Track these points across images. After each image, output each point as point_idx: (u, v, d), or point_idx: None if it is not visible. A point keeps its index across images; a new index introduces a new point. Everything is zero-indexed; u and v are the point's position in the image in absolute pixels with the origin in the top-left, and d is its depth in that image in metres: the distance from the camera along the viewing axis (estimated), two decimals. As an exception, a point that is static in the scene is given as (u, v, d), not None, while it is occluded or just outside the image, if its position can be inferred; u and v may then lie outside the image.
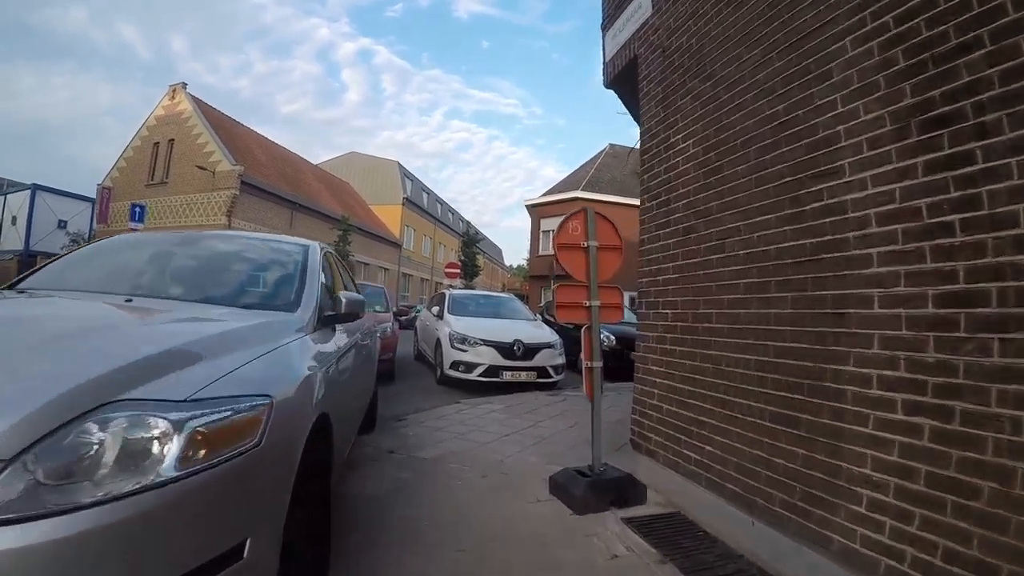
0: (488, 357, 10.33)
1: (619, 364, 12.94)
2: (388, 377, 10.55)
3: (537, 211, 35.62)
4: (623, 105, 7.12)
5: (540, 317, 13.48)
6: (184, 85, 33.61)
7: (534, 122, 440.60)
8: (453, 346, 10.55)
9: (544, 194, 36.25)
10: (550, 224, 33.87)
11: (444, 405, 8.51)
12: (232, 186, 29.42)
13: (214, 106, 35.32)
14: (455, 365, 10.44)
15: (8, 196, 42.98)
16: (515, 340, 10.60)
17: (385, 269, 47.81)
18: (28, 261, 36.94)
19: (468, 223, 44.59)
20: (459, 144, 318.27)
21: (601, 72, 6.69)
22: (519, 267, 79.48)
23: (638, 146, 5.77)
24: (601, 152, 37.80)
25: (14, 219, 41.31)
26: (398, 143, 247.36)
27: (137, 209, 23.27)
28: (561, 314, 4.96)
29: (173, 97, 33.69)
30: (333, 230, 35.73)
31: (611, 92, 6.78)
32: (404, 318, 18.07)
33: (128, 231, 16.52)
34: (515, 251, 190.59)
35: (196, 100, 33.22)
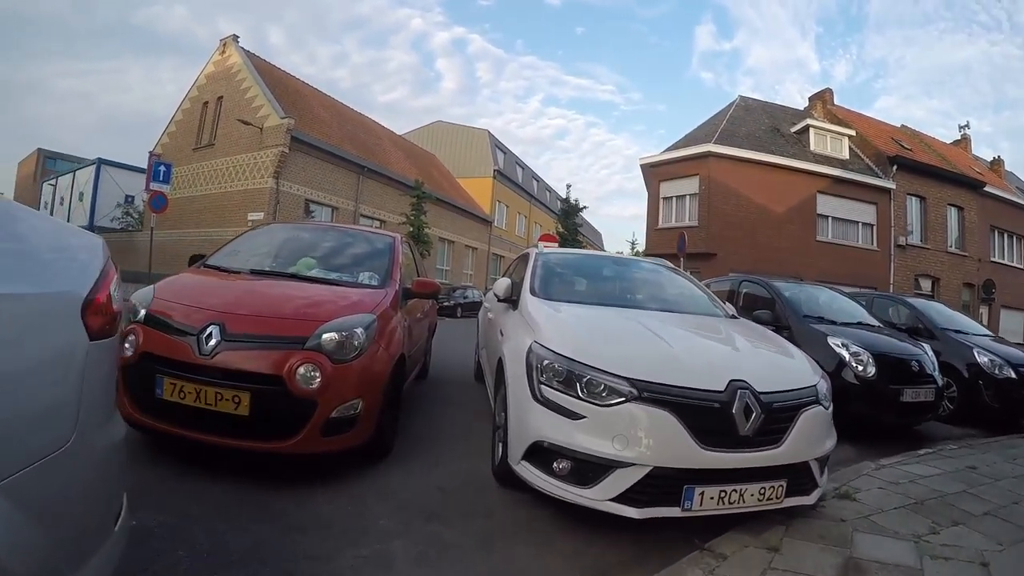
0: (652, 440, 3.32)
1: (879, 410, 6.98)
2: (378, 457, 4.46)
3: (655, 172, 28.06)
4: None
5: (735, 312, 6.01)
6: (236, 38, 29.32)
7: (633, 108, 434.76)
8: (538, 394, 3.67)
9: (666, 150, 28.72)
10: (673, 188, 27.13)
11: None
12: (280, 143, 24.43)
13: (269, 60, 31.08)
14: (543, 456, 3.57)
15: (77, 172, 46.04)
16: (732, 384, 3.52)
17: (473, 248, 43.79)
18: None
19: (569, 189, 38.19)
20: (556, 131, 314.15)
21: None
22: (619, 254, 74.67)
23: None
24: (731, 104, 30.85)
25: (81, 195, 43.81)
26: (495, 130, 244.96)
27: (161, 168, 17.91)
28: None
29: (224, 52, 29.58)
30: (406, 197, 30.91)
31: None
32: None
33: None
34: (613, 238, 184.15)
35: (247, 53, 28.83)
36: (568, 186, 40.94)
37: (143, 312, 4.12)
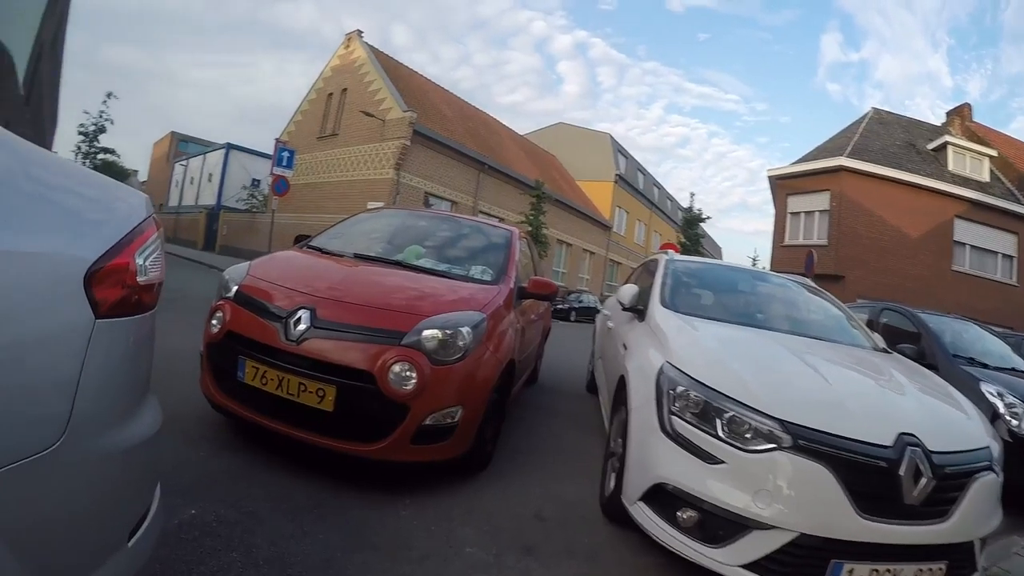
0: (802, 499, 2.70)
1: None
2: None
3: (783, 186, 26.66)
4: None
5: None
6: (360, 32, 30.25)
7: (756, 119, 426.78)
8: (668, 426, 3.10)
9: (795, 162, 27.13)
10: (801, 203, 25.55)
11: None
12: (402, 135, 24.58)
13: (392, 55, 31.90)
14: (665, 501, 3.01)
15: (207, 155, 50.26)
16: (901, 438, 2.82)
17: (591, 252, 43.03)
18: (215, 215, 41.91)
19: (692, 198, 37.07)
20: (678, 139, 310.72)
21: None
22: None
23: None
24: (864, 117, 28.86)
25: (210, 176, 47.65)
26: (617, 135, 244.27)
27: (285, 154, 18.54)
28: None
29: (348, 46, 30.62)
30: (526, 196, 30.64)
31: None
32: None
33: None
34: (733, 252, 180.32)
35: (371, 47, 29.56)
36: (692, 195, 40.01)
37: (234, 289, 3.87)
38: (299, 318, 3.46)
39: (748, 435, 2.84)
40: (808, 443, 2.75)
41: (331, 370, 3.29)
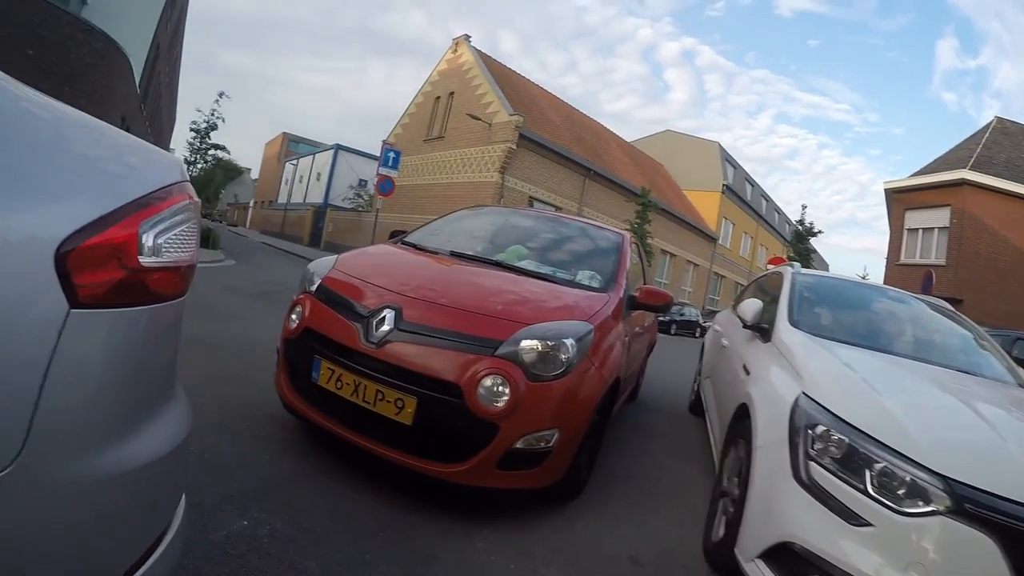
0: None
1: None
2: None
3: (900, 199, 24.94)
4: None
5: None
6: (467, 37, 30.79)
7: (868, 130, 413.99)
8: (803, 473, 2.53)
9: (914, 175, 25.34)
10: (919, 219, 23.75)
11: None
12: (508, 139, 24.59)
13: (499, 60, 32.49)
14: (790, 563, 2.45)
15: (316, 155, 52.59)
16: None
17: (695, 264, 41.99)
18: (322, 212, 43.74)
19: (804, 211, 35.16)
20: (787, 151, 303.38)
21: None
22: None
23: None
24: (987, 127, 26.36)
25: (319, 175, 49.91)
26: (724, 145, 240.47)
27: (391, 155, 19.03)
28: None
29: (456, 50, 31.29)
30: (631, 204, 29.92)
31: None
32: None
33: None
34: (840, 271, 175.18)
35: (479, 52, 29.91)
36: (803, 207, 38.29)
37: (317, 283, 3.61)
38: (383, 318, 3.14)
39: (901, 491, 2.29)
40: (975, 508, 2.17)
41: (413, 379, 2.93)
